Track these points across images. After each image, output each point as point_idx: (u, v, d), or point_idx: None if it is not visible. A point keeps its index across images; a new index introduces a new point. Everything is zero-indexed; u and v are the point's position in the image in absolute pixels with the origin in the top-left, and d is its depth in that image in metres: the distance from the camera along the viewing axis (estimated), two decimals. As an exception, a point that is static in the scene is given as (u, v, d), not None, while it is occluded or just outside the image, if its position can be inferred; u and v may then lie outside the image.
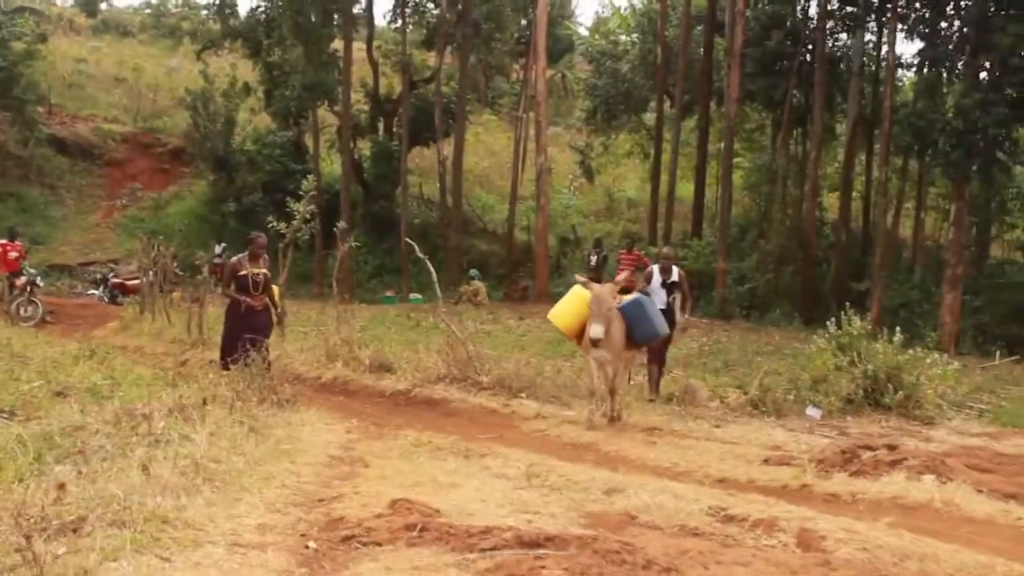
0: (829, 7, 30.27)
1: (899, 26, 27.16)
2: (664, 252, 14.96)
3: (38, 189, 39.16)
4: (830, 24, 30.66)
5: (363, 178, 38.13)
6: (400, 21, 38.20)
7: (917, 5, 26.46)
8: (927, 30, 26.33)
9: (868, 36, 31.47)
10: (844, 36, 31.99)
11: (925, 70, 28.80)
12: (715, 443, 10.50)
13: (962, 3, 25.35)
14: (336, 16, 35.91)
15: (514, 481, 7.93)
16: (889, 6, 27.25)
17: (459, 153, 34.44)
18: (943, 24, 26.36)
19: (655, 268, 14.21)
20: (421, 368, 14.24)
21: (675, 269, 14.16)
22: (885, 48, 29.28)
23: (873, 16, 30.26)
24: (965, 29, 24.74)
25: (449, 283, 27.83)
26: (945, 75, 28.00)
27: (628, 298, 11.47)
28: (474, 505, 6.76)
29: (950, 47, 25.93)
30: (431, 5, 38.47)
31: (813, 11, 31.51)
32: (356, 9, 37.92)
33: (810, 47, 30.81)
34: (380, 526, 5.86)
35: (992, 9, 23.49)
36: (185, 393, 9.84)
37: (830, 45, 31.20)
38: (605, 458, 9.45)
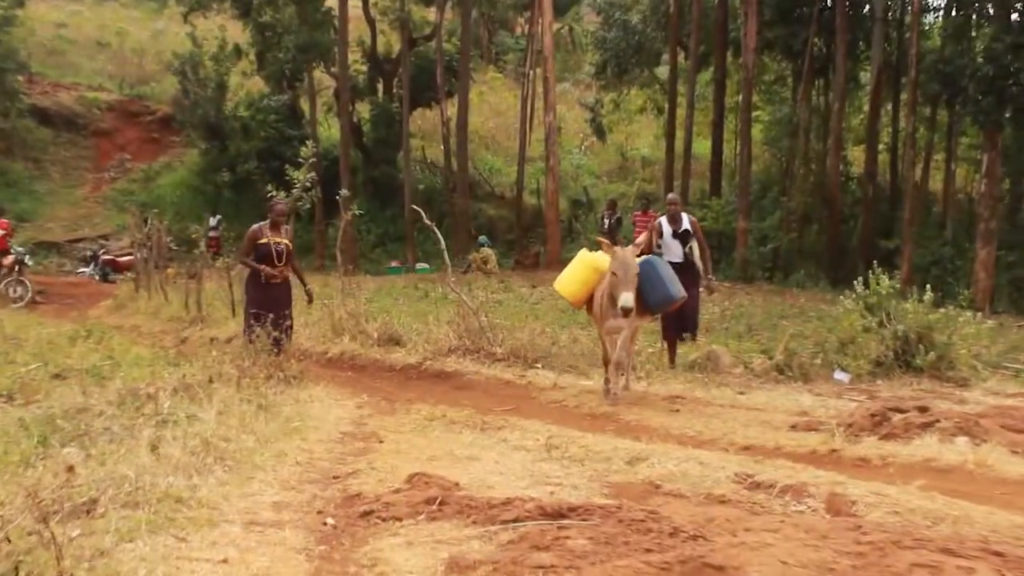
0: (850, -51, 30.16)
1: (925, -33, 27.09)
2: (669, 198, 14.22)
3: (21, 163, 39.31)
4: (851, -33, 30.59)
5: (363, 143, 38.25)
6: (398, -25, 38.19)
7: (944, -56, 26.40)
8: (954, -30, 26.27)
9: (892, -22, 31.40)
10: (866, -21, 31.92)
11: (953, 13, 28.73)
12: (740, 410, 10.63)
13: (991, -59, 25.25)
14: (330, -28, 35.92)
15: (533, 453, 8.10)
16: (914, -54, 27.12)
17: (463, 113, 34.35)
18: (971, -37, 26.29)
19: (662, 220, 13.64)
20: (432, 340, 14.41)
21: (685, 216, 13.57)
22: (910, -10, 29.19)
23: (897, -43, 30.20)
24: (994, -32, 24.68)
25: (457, 251, 28.01)
26: (974, 18, 27.93)
27: (639, 260, 11.03)
28: (493, 478, 6.95)
29: (979, -12, 25.88)
30: (429, -43, 38.50)
31: (833, -47, 31.32)
32: (351, -37, 37.84)
33: (831, -8, 30.76)
34: (399, 501, 6.04)
35: (1022, -54, 23.41)
36: (189, 372, 10.03)
37: (852, -11, 31.15)
38: (626, 428, 9.61)
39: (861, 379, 12.60)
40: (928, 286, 13.48)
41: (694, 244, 13.42)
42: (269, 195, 13.73)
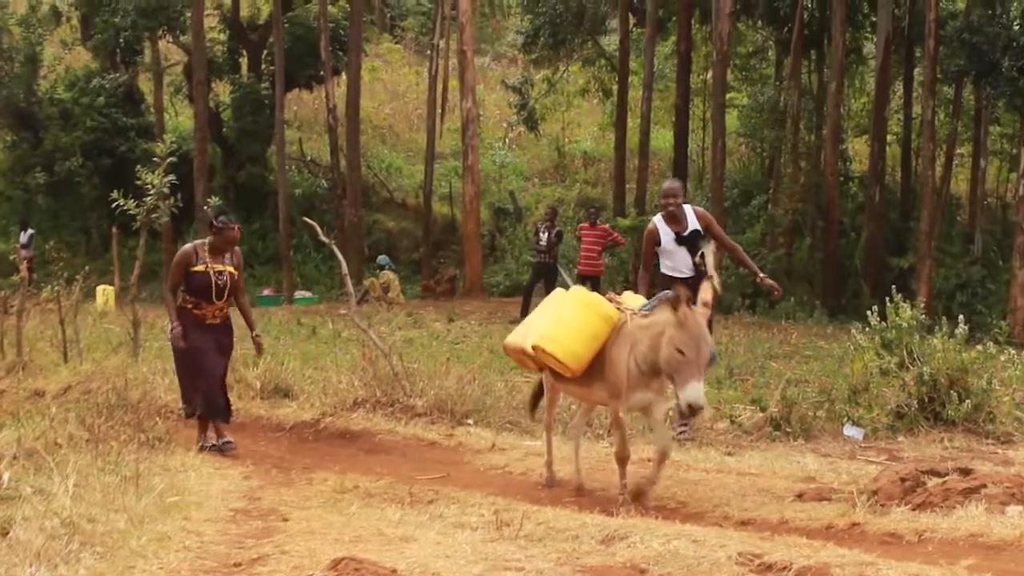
0: None
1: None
2: (666, 188, 13.17)
3: None
4: (851, -91, 30.98)
5: (222, 135, 38.09)
6: (267, -83, 38.27)
7: None
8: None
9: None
10: (870, -76, 32.42)
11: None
12: (730, 475, 10.92)
13: None
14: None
15: (481, 531, 8.31)
16: None
17: (354, 96, 34.14)
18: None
19: (658, 219, 12.87)
20: (330, 391, 14.57)
21: (689, 211, 12.80)
22: (925, -60, 29.64)
23: None
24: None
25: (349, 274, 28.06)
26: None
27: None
28: (438, 562, 7.13)
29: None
30: None
31: None
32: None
33: (826, -60, 31.18)
34: (325, 592, 6.23)
35: None
36: (28, 434, 10.14)
37: (852, -63, 31.61)
38: (591, 499, 9.88)
39: (878, 435, 12.90)
40: (960, 317, 13.76)
41: (707, 248, 12.04)
42: (219, 215, 12.48)
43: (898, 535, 8.12)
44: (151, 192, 15.87)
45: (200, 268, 12.00)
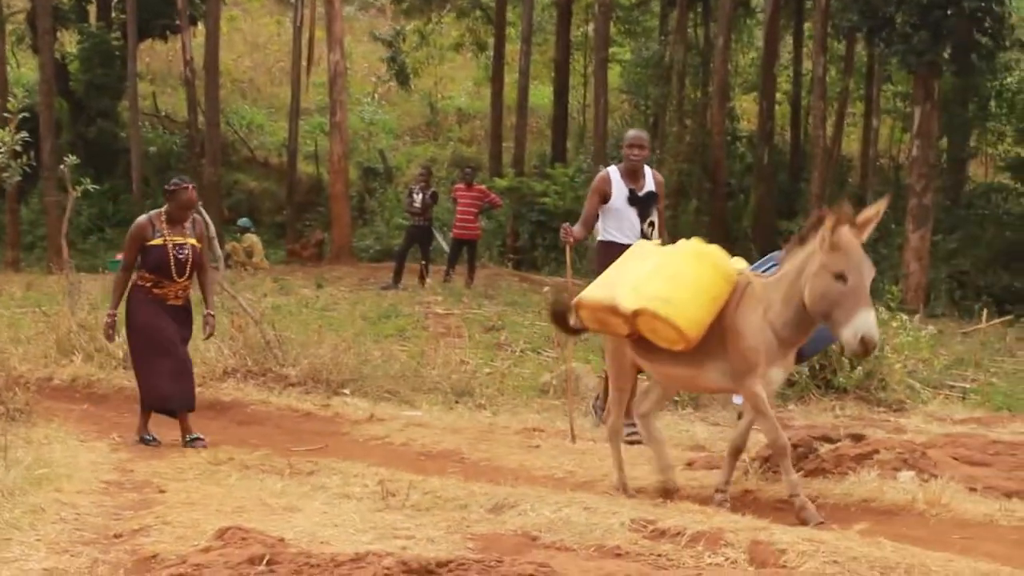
0: None
1: None
2: (632, 135, 12.13)
3: None
4: None
5: (69, 88, 37.64)
6: None
7: None
8: None
9: None
10: None
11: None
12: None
13: None
14: None
15: (366, 502, 8.57)
16: None
17: (213, 48, 33.84)
18: None
19: (614, 171, 11.87)
20: (198, 360, 14.59)
21: (649, 172, 11.93)
22: None
23: None
24: None
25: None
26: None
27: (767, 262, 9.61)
28: (326, 531, 7.38)
29: None
30: None
31: None
32: None
33: None
34: (213, 561, 6.37)
35: None
36: None
37: None
38: (476, 469, 10.18)
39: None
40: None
41: (655, 218, 11.79)
42: (171, 178, 12.02)
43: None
44: (0, 150, 15.85)
45: (157, 242, 11.22)
